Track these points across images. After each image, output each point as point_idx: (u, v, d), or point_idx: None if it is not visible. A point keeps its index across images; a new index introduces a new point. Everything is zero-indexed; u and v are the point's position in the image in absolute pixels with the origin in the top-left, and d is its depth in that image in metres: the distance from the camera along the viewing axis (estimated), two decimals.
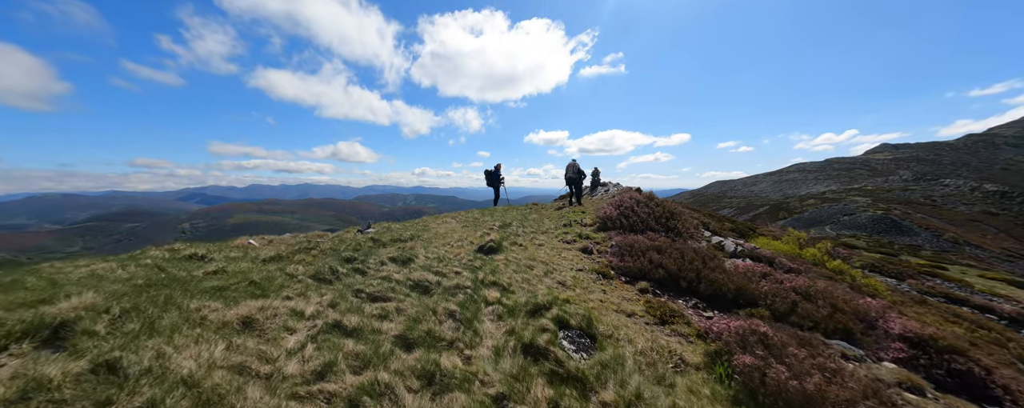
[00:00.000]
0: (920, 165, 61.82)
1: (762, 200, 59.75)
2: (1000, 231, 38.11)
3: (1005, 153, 62.37)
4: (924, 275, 18.20)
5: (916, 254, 29.94)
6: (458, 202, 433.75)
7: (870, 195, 49.04)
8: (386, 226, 8.67)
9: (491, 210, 12.32)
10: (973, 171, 58.10)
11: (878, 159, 68.96)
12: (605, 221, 8.58)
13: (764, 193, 65.85)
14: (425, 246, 6.51)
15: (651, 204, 8.51)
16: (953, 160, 63.01)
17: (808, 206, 48.16)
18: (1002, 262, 30.04)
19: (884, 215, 38.12)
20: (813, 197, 53.60)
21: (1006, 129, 72.52)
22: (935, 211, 43.17)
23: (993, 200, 46.75)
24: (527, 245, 7.29)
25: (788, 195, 61.04)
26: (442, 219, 10.43)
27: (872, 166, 64.80)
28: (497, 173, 14.77)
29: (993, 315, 11.28)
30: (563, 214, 10.38)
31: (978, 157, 62.76)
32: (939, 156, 66.15)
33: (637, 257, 6.33)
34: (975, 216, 44.13)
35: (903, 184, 53.08)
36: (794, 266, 7.04)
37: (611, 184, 18.74)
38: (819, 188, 61.34)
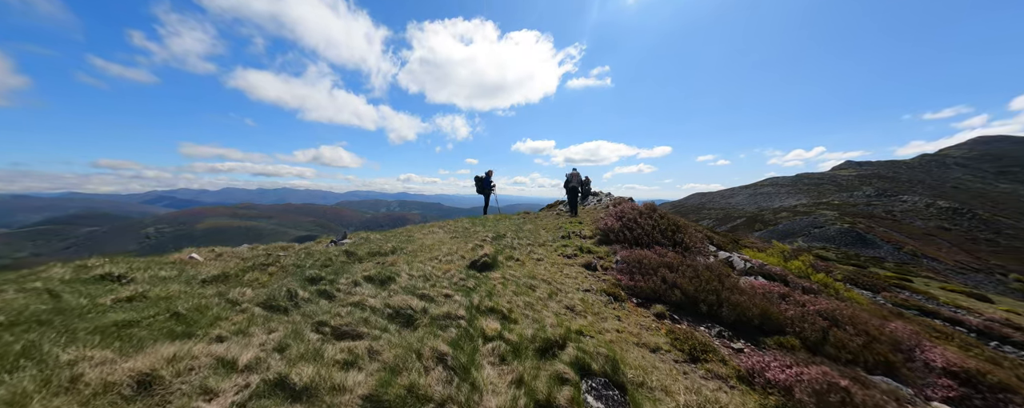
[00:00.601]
0: (881, 182, 65.69)
1: (739, 212, 61.63)
2: (953, 245, 40.56)
3: (954, 172, 67.51)
4: (894, 287, 18.73)
5: (880, 266, 31.28)
6: (444, 209, 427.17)
7: (837, 209, 51.37)
8: (364, 236, 7.68)
9: (482, 219, 11.51)
10: (927, 188, 62.24)
11: (843, 175, 72.92)
12: (606, 233, 7.94)
13: (741, 205, 68.05)
14: (409, 261, 5.61)
15: (654, 216, 7.98)
16: (909, 178, 67.44)
17: (781, 218, 49.84)
18: (956, 274, 31.80)
19: (850, 228, 39.78)
20: (786, 210, 55.63)
21: (955, 150, 78.82)
22: (895, 225, 45.61)
23: (946, 216, 49.87)
24: (525, 260, 6.52)
25: (763, 207, 63.22)
26: (428, 228, 9.51)
27: (838, 182, 68.32)
28: (488, 180, 14.03)
29: (962, 327, 11.43)
30: (560, 225, 9.71)
31: (931, 176, 67.58)
32: (897, 174, 70.69)
33: (648, 275, 5.68)
34: (930, 231, 46.76)
35: (866, 199, 56.06)
36: (809, 285, 6.60)
37: (603, 194, 18.35)
38: (791, 201, 63.84)
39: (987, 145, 77.82)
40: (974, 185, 62.44)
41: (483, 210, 14.33)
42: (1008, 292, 27.69)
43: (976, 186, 62.82)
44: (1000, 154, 72.28)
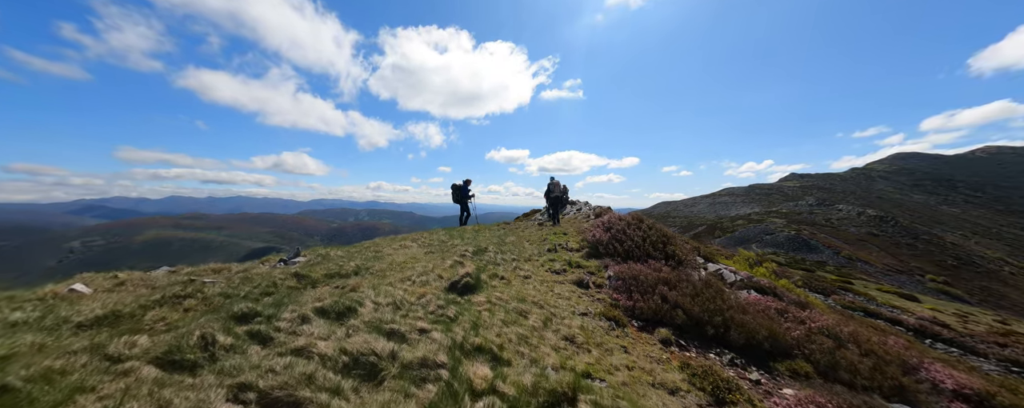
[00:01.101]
0: (820, 192, 72.41)
1: (701, 220, 65.08)
2: (881, 250, 45.26)
3: (878, 184, 76.36)
4: (841, 290, 20.20)
5: (823, 269, 34.07)
6: (416, 218, 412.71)
7: (785, 217, 55.41)
8: (322, 254, 6.57)
9: (459, 231, 10.64)
10: (858, 198, 69.45)
11: (789, 186, 79.70)
12: (595, 246, 7.45)
13: (702, 214, 72.00)
14: (375, 285, 4.68)
15: (643, 227, 7.63)
16: (843, 189, 75.16)
17: (738, 226, 52.89)
18: (884, 276, 35.36)
19: (796, 235, 42.82)
20: (742, 218, 59.23)
21: (878, 165, 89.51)
22: (833, 232, 50.14)
23: (874, 223, 55.35)
24: (511, 278, 5.79)
25: (722, 215, 67.01)
26: (400, 242, 8.51)
27: (785, 192, 74.55)
28: (466, 189, 13.22)
29: (901, 327, 12.31)
30: (544, 236, 9.11)
31: (860, 187, 75.88)
32: (833, 185, 78.56)
33: (646, 294, 5.18)
34: (862, 237, 51.71)
35: (809, 208, 61.11)
36: (798, 299, 6.46)
37: (581, 203, 18.16)
38: (746, 210, 68.37)
39: (903, 161, 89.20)
40: (894, 196, 70.73)
41: (459, 220, 13.45)
42: (927, 291, 31.03)
43: (896, 197, 71.23)
44: (913, 169, 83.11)
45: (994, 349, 10.79)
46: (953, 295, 27.67)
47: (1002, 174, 79.31)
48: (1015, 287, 34.03)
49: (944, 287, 29.94)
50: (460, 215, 13.37)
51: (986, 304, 26.96)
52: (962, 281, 33.61)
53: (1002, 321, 18.51)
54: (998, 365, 9.06)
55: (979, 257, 41.94)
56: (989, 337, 13.31)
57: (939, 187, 75.22)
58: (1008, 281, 35.81)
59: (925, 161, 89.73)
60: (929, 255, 42.45)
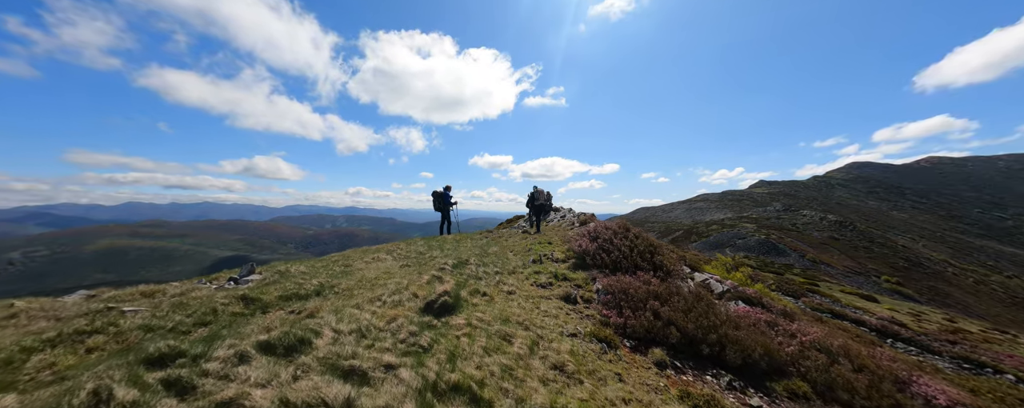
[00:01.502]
0: (786, 198, 76.49)
1: (678, 225, 67.04)
2: (841, 252, 48.13)
3: (838, 192, 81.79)
4: (809, 292, 21.12)
5: (791, 271, 35.78)
6: (397, 224, 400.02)
7: (755, 222, 57.79)
8: (281, 270, 5.85)
9: (439, 240, 10.06)
10: (820, 204, 73.83)
11: (758, 192, 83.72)
12: (582, 257, 7.12)
13: (679, 219, 74.25)
14: (339, 307, 4.10)
15: (630, 236, 7.40)
16: (806, 195, 79.81)
17: (712, 231, 54.63)
18: (845, 277, 37.55)
19: (766, 239, 44.61)
20: (716, 223, 61.23)
21: (837, 173, 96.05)
22: (799, 236, 52.87)
23: (835, 228, 58.66)
24: (494, 295, 5.33)
25: (697, 220, 69.24)
26: (374, 254, 7.84)
27: (755, 198, 78.26)
28: (447, 196, 12.67)
29: (865, 327, 12.86)
30: (529, 246, 8.71)
31: (822, 194, 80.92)
32: (797, 192, 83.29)
33: (637, 310, 4.87)
34: (825, 240, 54.72)
35: (777, 213, 64.03)
36: (784, 309, 6.38)
37: (565, 210, 17.96)
38: (719, 216, 71.01)
39: (859, 170, 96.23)
40: (852, 202, 75.80)
41: (440, 228, 12.85)
42: (882, 291, 33.14)
43: (853, 203, 76.34)
44: (868, 177, 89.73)
45: (946, 347, 11.39)
46: (905, 295, 29.57)
47: (943, 183, 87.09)
48: (958, 286, 36.84)
49: (897, 287, 31.93)
50: (441, 223, 12.80)
51: (933, 302, 28.99)
52: (912, 281, 35.95)
53: (950, 319, 19.85)
54: (951, 362, 9.53)
55: (926, 259, 45.21)
56: (941, 335, 14.13)
57: (890, 194, 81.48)
58: (951, 281, 38.68)
59: (877, 170, 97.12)
60: (883, 258, 45.32)
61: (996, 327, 20.32)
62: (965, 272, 42.19)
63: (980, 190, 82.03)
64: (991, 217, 70.24)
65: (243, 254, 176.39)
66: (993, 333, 17.31)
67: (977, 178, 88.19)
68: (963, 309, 29.18)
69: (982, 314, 28.59)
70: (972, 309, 30.07)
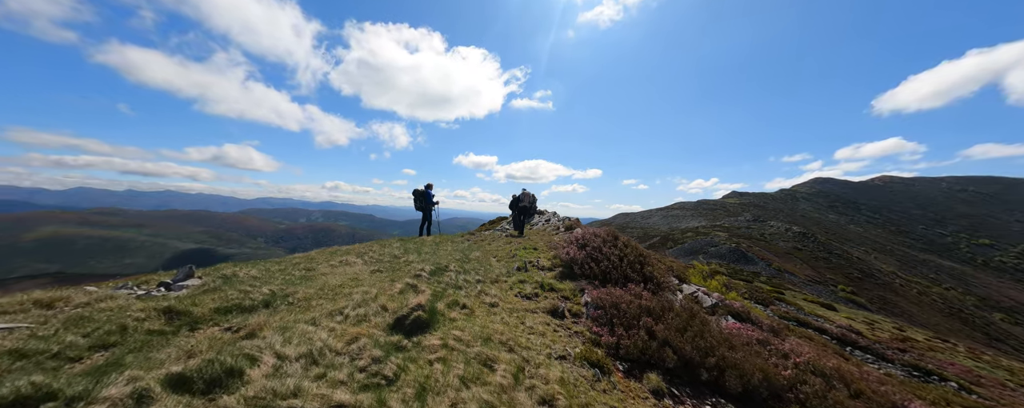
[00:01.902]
0: (756, 209, 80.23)
1: (655, 231, 68.79)
2: (803, 262, 50.92)
3: (802, 205, 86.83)
4: (776, 301, 21.99)
5: (758, 279, 37.48)
6: (376, 222, 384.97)
7: (727, 231, 60.11)
8: (228, 274, 5.04)
9: (417, 243, 9.37)
10: (786, 216, 77.93)
11: (731, 203, 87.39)
12: (569, 265, 6.70)
13: (656, 225, 76.24)
14: (289, 324, 3.42)
15: (619, 244, 7.07)
16: (774, 207, 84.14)
17: (687, 238, 56.26)
18: (807, 286, 39.74)
19: (736, 248, 46.43)
20: (690, 230, 63.22)
21: (801, 187, 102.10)
22: (766, 246, 55.51)
23: (798, 239, 61.84)
24: (474, 307, 4.78)
25: (674, 227, 71.26)
26: (342, 256, 7.07)
27: (727, 208, 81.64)
28: (429, 195, 11.94)
29: (827, 335, 13.40)
30: (513, 252, 8.20)
31: (788, 206, 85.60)
32: (766, 203, 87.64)
33: (630, 328, 4.48)
34: (789, 250, 57.64)
35: (747, 223, 66.88)
36: (772, 324, 6.23)
37: (549, 213, 17.62)
38: (694, 223, 73.47)
39: (821, 185, 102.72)
40: (814, 215, 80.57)
41: (420, 229, 12.10)
42: (838, 299, 35.24)
43: (815, 216, 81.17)
44: (829, 192, 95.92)
45: (898, 355, 11.99)
46: (858, 303, 31.50)
47: (893, 200, 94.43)
48: (903, 297, 39.71)
49: (851, 296, 33.96)
50: (421, 224, 12.03)
51: (883, 311, 31.09)
52: (865, 291, 38.39)
53: (899, 328, 21.19)
54: (903, 370, 9.98)
55: (877, 270, 48.51)
56: (892, 343, 14.93)
57: (847, 209, 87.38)
58: (899, 291, 41.66)
59: (837, 186, 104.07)
60: (840, 268, 48.16)
61: (938, 336, 21.89)
62: (910, 283, 45.64)
63: (925, 208, 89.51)
64: (933, 233, 76.68)
65: (207, 247, 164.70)
66: (936, 341, 18.57)
67: (923, 197, 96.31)
68: (908, 318, 31.45)
69: (924, 323, 30.92)
70: (916, 318, 32.47)
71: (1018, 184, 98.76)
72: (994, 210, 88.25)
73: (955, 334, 29.95)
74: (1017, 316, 44.23)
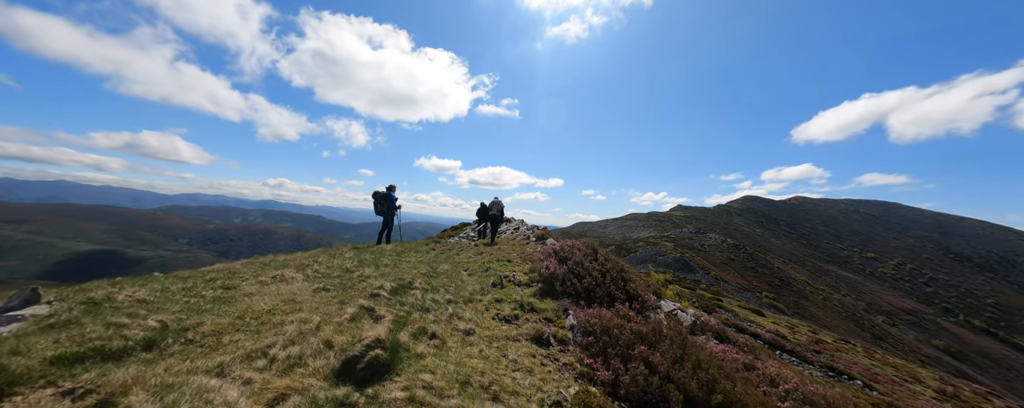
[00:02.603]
0: (697, 222, 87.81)
1: (611, 240, 71.97)
2: (735, 271, 56.54)
3: (735, 219, 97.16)
4: (717, 307, 23.82)
5: (699, 287, 40.86)
6: (325, 223, 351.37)
7: (673, 241, 64.67)
8: (99, 296, 3.60)
9: (376, 251, 8.13)
10: (722, 229, 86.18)
11: (676, 215, 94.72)
12: (549, 281, 6.11)
13: (612, 234, 79.86)
14: (180, 376, 2.32)
15: (599, 258, 6.68)
16: (712, 221, 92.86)
17: (639, 247, 59.49)
18: (738, 293, 44.17)
19: (681, 257, 49.98)
20: (642, 240, 67.03)
21: (734, 204, 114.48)
22: (705, 256, 60.71)
23: (732, 250, 68.35)
24: (446, 336, 3.94)
25: (627, 237, 75.15)
26: (278, 269, 5.72)
27: (673, 220, 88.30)
28: (391, 197, 10.64)
29: (761, 340, 14.62)
30: (485, 265, 7.41)
31: (723, 220, 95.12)
32: (705, 217, 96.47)
33: (627, 359, 3.98)
34: (724, 260, 63.49)
35: (690, 235, 72.60)
36: (746, 342, 6.20)
37: (517, 221, 17.06)
38: (645, 234, 78.14)
39: (751, 203, 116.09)
40: (745, 229, 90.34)
41: (379, 237, 10.73)
42: (763, 305, 39.64)
43: (746, 230, 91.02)
44: (756, 209, 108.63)
45: (815, 356, 13.36)
46: (778, 308, 35.49)
47: (805, 218, 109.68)
48: (813, 302, 45.58)
49: (773, 302, 38.13)
50: (381, 230, 10.67)
51: (797, 315, 35.36)
52: (783, 297, 43.36)
53: (813, 331, 24.02)
54: (821, 370, 11.08)
55: (793, 279, 55.27)
56: (810, 345, 16.71)
57: (770, 224, 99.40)
58: (809, 297, 47.72)
59: (763, 204, 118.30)
60: (764, 276, 54.03)
61: (841, 337, 25.19)
62: (817, 291, 52.75)
63: (828, 225, 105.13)
64: (834, 247, 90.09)
65: (112, 248, 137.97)
66: (841, 342, 21.27)
67: (826, 216, 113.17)
68: (816, 321, 36.12)
69: (828, 325, 35.70)
70: (822, 321, 37.42)
71: (895, 208, 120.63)
72: (877, 228, 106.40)
73: (851, 334, 34.93)
74: (894, 318, 53.17)
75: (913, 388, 12.16)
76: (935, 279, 76.31)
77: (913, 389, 11.97)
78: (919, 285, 75.01)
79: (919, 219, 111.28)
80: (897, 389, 10.95)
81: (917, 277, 78.51)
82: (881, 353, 21.58)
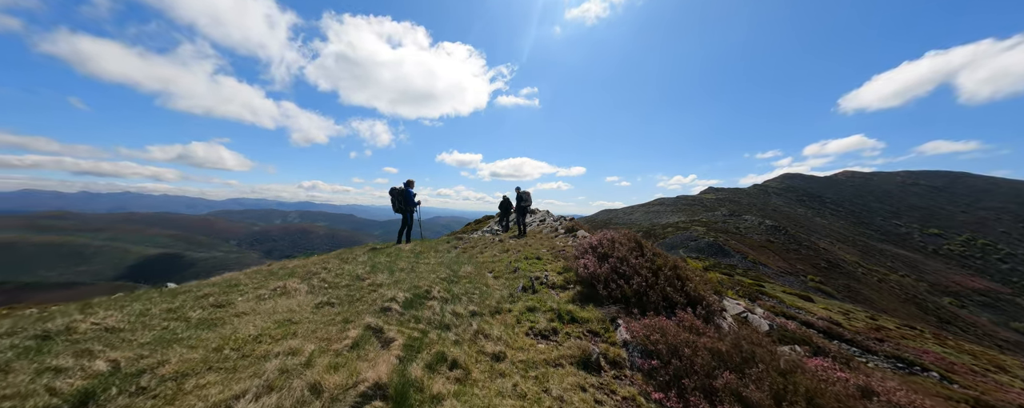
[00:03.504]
0: (731, 204, 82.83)
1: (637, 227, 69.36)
2: (775, 254, 52.73)
3: (773, 199, 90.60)
4: (759, 294, 21.75)
5: (735, 272, 38.15)
6: (356, 222, 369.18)
7: (705, 225, 61.41)
8: (60, 326, 3.03)
9: (392, 252, 7.47)
10: (759, 210, 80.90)
11: (708, 198, 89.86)
12: (590, 282, 5.12)
13: (638, 221, 76.92)
14: None
15: (645, 252, 5.59)
16: (747, 202, 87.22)
17: (668, 232, 56.99)
18: (779, 277, 40.95)
19: (714, 242, 47.16)
20: (671, 226, 64.12)
21: (773, 183, 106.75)
22: (741, 239, 57.11)
23: (771, 232, 64.08)
24: (470, 365, 3.10)
25: (655, 223, 72.17)
26: (282, 279, 5.12)
27: (705, 203, 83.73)
28: (409, 194, 9.89)
29: (813, 329, 12.91)
30: (511, 263, 6.52)
31: (760, 201, 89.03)
32: (740, 199, 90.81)
33: (709, 392, 2.96)
34: (762, 243, 59.61)
35: (723, 218, 68.68)
36: (837, 350, 4.94)
37: (541, 212, 16.03)
38: (674, 219, 74.74)
39: (791, 180, 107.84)
40: (785, 209, 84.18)
41: (399, 235, 9.97)
42: (808, 289, 36.49)
43: (785, 210, 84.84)
44: (797, 187, 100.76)
45: (878, 345, 11.55)
46: (826, 292, 32.53)
47: (855, 194, 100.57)
48: (866, 285, 41.69)
49: (820, 286, 35.08)
50: (400, 229, 9.99)
51: (848, 299, 32.24)
52: (831, 280, 39.95)
53: (872, 317, 21.49)
54: (887, 362, 9.45)
55: (842, 260, 50.86)
56: (870, 333, 14.68)
57: (814, 203, 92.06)
58: (862, 280, 43.70)
59: (805, 181, 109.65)
60: (809, 259, 50.11)
61: (906, 323, 22.44)
62: (871, 272, 48.18)
63: (882, 201, 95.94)
64: (890, 224, 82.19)
65: (175, 251, 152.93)
66: (905, 329, 18.79)
67: (880, 191, 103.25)
68: (871, 305, 32.81)
69: (885, 309, 32.34)
70: (877, 304, 33.98)
71: (963, 177, 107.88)
72: (941, 202, 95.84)
73: (914, 319, 31.49)
74: (963, 299, 47.69)
75: (998, 378, 10.24)
76: (1013, 255, 67.82)
77: (999, 380, 10.08)
78: (993, 262, 67.00)
79: (992, 189, 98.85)
80: (980, 380, 9.21)
81: (991, 253, 70.15)
82: (953, 339, 18.93)
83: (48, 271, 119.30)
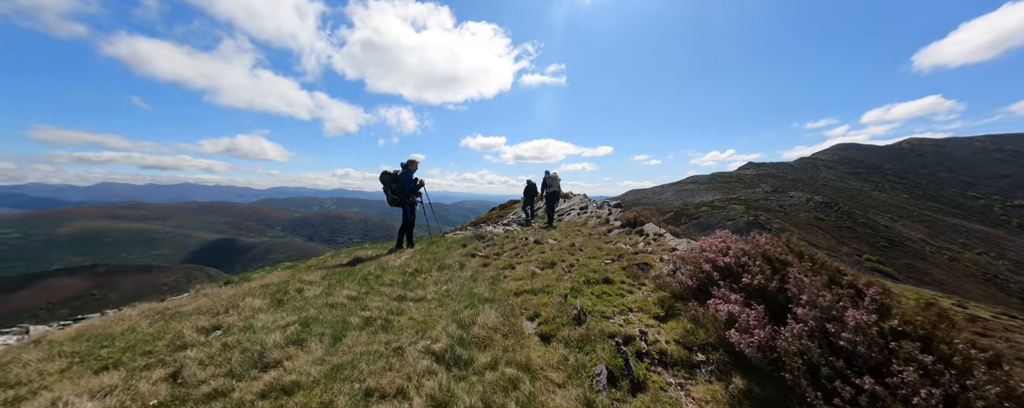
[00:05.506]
0: (774, 180, 75.65)
1: (668, 207, 64.81)
2: (826, 232, 47.32)
3: (823, 173, 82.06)
4: None
5: None
6: (387, 207, 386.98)
7: (744, 203, 56.05)
8: None
9: (374, 271, 5.16)
10: (806, 186, 73.46)
11: (747, 174, 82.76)
12: (733, 350, 2.56)
13: (669, 201, 72.09)
14: None
15: (846, 283, 2.90)
16: (793, 177, 79.48)
17: (702, 212, 52.69)
18: (830, 257, 36.45)
19: (755, 220, 42.68)
20: (705, 205, 59.17)
21: (823, 155, 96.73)
22: (785, 217, 51.65)
23: (820, 209, 57.65)
24: None
25: (687, 202, 67.15)
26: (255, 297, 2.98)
27: (744, 180, 77.03)
28: (406, 178, 7.34)
29: None
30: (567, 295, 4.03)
31: (808, 175, 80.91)
32: (784, 173, 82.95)
33: None
34: (811, 221, 53.74)
35: (765, 195, 62.59)
36: None
37: (577, 196, 13.47)
38: (708, 197, 69.19)
39: (844, 151, 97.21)
40: (837, 183, 76.11)
41: (399, 238, 7.57)
42: (864, 270, 32.02)
43: (837, 184, 76.67)
44: (851, 159, 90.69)
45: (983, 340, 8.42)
46: (885, 273, 28.37)
47: (921, 163, 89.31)
48: (935, 265, 36.39)
49: (878, 266, 30.88)
50: (401, 229, 7.54)
51: (912, 281, 27.90)
52: (892, 260, 35.41)
53: (959, 303, 17.56)
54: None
55: (905, 238, 44.91)
56: (965, 326, 11.23)
57: (871, 175, 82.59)
58: (929, 259, 38.33)
59: (862, 151, 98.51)
60: (865, 237, 44.60)
61: (1003, 312, 18.27)
62: (941, 250, 42.14)
63: (956, 171, 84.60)
64: (964, 197, 72.44)
65: (229, 237, 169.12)
66: (1003, 318, 14.86)
67: (953, 159, 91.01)
68: (940, 287, 28.24)
69: (957, 290, 27.74)
70: (948, 286, 29.28)
71: None
72: None
73: (992, 300, 26.87)
74: None
75: None
76: None
77: None
78: None
79: None
80: None
81: None
82: None
83: (127, 255, 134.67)
